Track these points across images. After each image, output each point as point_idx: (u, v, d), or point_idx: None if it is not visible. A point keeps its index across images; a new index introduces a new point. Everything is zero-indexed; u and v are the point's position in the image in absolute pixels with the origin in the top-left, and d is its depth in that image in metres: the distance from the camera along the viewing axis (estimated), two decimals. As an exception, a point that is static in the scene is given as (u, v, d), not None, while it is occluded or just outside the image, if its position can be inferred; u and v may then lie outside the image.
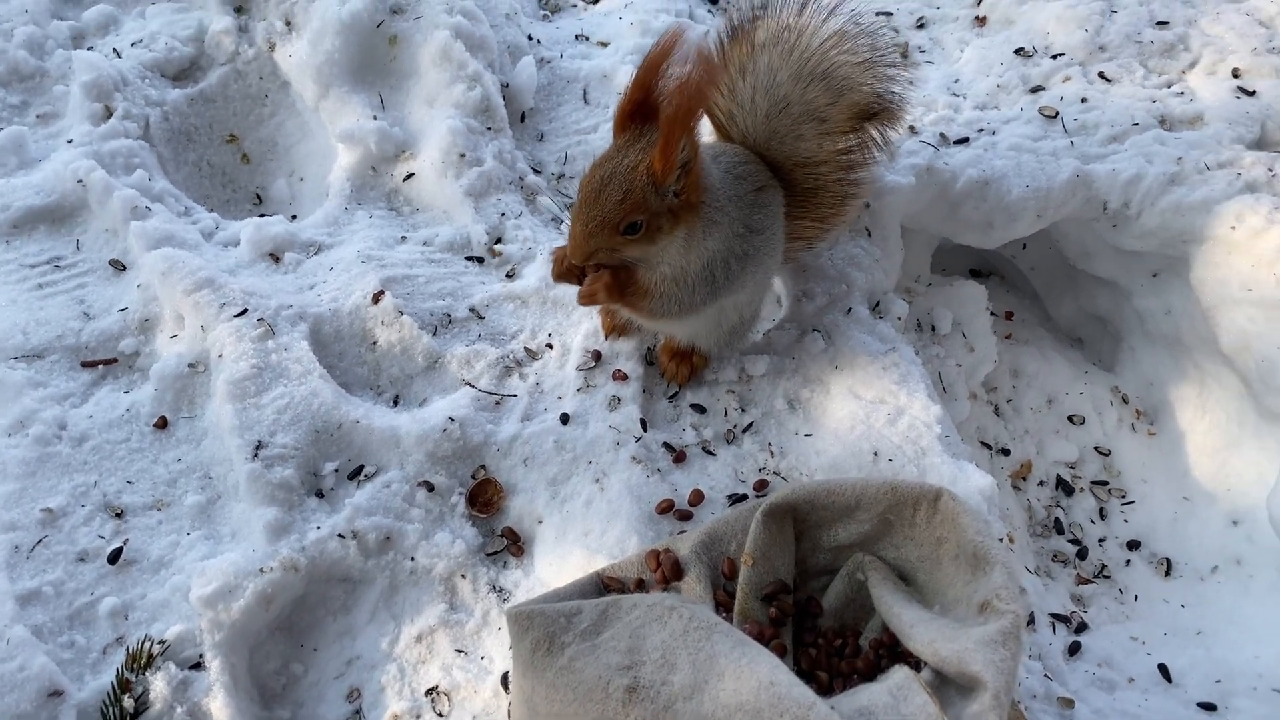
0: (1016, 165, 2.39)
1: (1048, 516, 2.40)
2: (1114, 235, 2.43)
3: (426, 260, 2.39)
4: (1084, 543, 2.35)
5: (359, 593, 1.93)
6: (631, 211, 1.76)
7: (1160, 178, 2.35)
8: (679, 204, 1.80)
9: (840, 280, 2.28)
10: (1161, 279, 2.47)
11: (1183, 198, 2.33)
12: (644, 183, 1.75)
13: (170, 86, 2.79)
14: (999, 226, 2.41)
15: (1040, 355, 2.62)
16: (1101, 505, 2.43)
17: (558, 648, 1.51)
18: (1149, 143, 2.42)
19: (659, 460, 2.04)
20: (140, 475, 2.05)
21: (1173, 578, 2.28)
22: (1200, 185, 2.34)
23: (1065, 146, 2.44)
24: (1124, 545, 2.36)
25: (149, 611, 1.85)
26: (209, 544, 1.95)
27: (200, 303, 2.19)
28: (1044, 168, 2.39)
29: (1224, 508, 2.30)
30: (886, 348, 2.19)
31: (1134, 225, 2.37)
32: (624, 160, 1.77)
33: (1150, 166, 2.37)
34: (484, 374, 2.16)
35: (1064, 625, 2.08)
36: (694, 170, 1.78)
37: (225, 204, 2.76)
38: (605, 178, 1.77)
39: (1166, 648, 2.07)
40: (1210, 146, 2.40)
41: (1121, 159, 2.40)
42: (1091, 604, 2.23)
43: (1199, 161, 2.37)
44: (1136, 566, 2.31)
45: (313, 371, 2.09)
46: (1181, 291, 2.41)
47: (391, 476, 2.00)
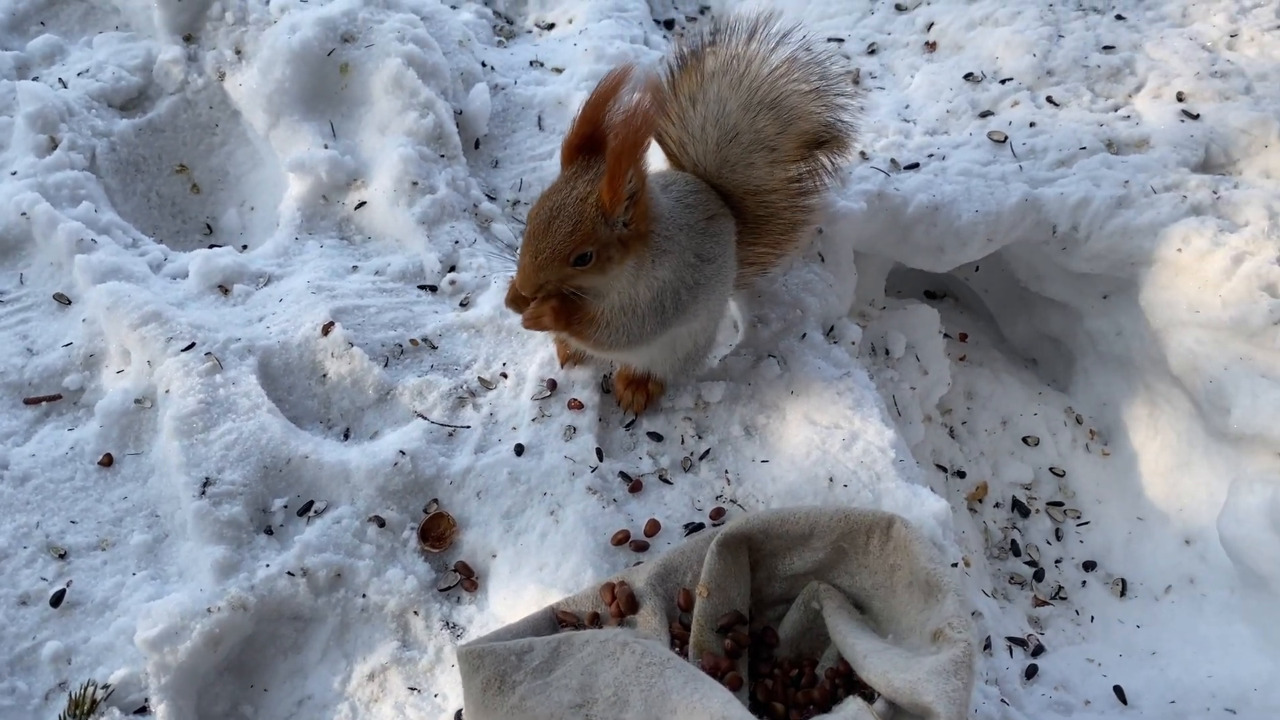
0: (966, 190, 2.41)
1: (1004, 538, 2.41)
2: (1064, 258, 2.45)
3: (378, 290, 2.37)
4: (1040, 564, 2.36)
5: (310, 631, 1.90)
6: (581, 243, 1.75)
7: (1108, 201, 2.38)
8: (629, 234, 1.79)
9: (795, 306, 2.29)
10: (1112, 300, 2.49)
11: (1130, 220, 2.36)
12: (593, 214, 1.74)
13: (118, 116, 2.75)
14: (950, 250, 2.43)
15: (994, 377, 2.63)
16: (1057, 526, 2.44)
17: (509, 686, 1.49)
18: (1096, 166, 2.45)
19: (615, 490, 2.03)
20: (84, 515, 2.00)
21: (1128, 598, 2.29)
22: (1147, 208, 2.37)
23: (1014, 171, 2.47)
24: (1080, 566, 2.37)
25: (93, 655, 1.81)
26: (155, 584, 1.91)
27: (147, 337, 2.15)
28: (993, 192, 2.41)
29: (1177, 528, 2.32)
30: (841, 372, 2.19)
31: (1083, 248, 2.40)
32: (573, 191, 1.76)
33: (1098, 190, 2.40)
34: (437, 405, 2.14)
35: (1021, 648, 2.08)
36: (642, 200, 1.78)
37: (175, 235, 2.72)
38: (554, 209, 1.76)
39: (1122, 669, 2.08)
40: (1156, 169, 2.43)
41: (1069, 182, 2.43)
42: (1049, 626, 2.23)
43: (1145, 184, 2.40)
44: (1092, 587, 2.32)
45: (261, 406, 2.06)
46: (1131, 313, 2.43)
47: (342, 512, 1.97)
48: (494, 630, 1.69)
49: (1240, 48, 2.76)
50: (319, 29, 2.64)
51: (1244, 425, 2.16)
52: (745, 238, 2.12)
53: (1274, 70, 2.67)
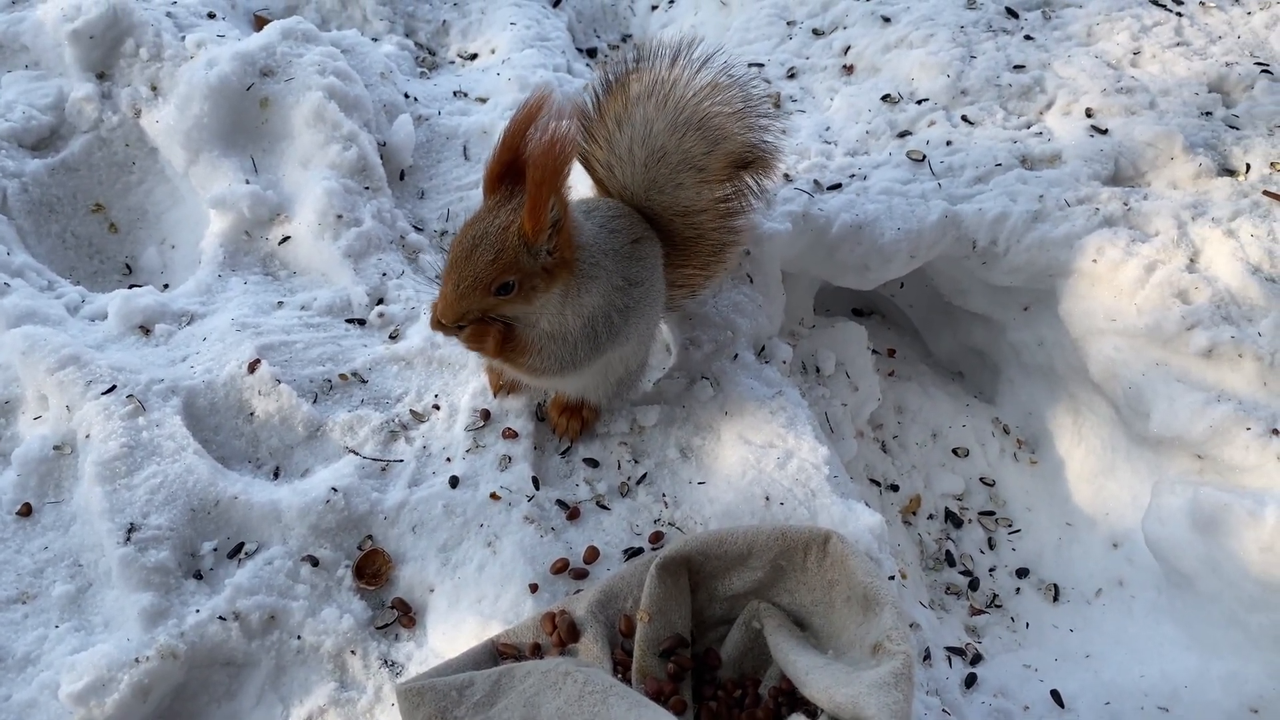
0: (888, 208, 2.46)
1: (939, 549, 2.44)
2: (984, 272, 2.51)
3: (305, 325, 2.34)
4: (975, 573, 2.40)
5: (243, 676, 1.85)
6: (503, 272, 1.75)
7: (1024, 215, 2.45)
8: (553, 262, 1.79)
9: (725, 327, 2.31)
10: (1032, 312, 2.56)
11: (1046, 233, 2.42)
12: (515, 243, 1.74)
13: (29, 156, 2.68)
14: (875, 268, 2.47)
15: (922, 391, 2.68)
16: (990, 535, 2.48)
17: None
18: (1012, 182, 2.52)
19: (552, 518, 2.02)
20: (3, 567, 1.93)
21: (1060, 603, 2.34)
22: (1062, 221, 2.43)
23: (934, 188, 2.52)
24: (1013, 573, 2.41)
25: (15, 713, 1.74)
26: (80, 636, 1.84)
27: (65, 381, 2.09)
28: (914, 210, 2.47)
29: (1104, 532, 2.37)
30: (773, 392, 2.21)
31: (1002, 262, 2.46)
32: (495, 221, 1.75)
33: (1014, 205, 2.46)
34: (368, 440, 2.11)
35: (960, 658, 2.11)
36: (565, 228, 1.77)
37: (92, 275, 2.66)
38: (476, 238, 1.75)
39: (1058, 673, 2.12)
40: (1069, 184, 2.50)
41: (987, 198, 2.49)
42: (985, 634, 2.27)
43: (1059, 198, 2.47)
44: (1026, 594, 2.36)
45: (187, 448, 2.01)
46: (1051, 324, 2.50)
47: (274, 553, 1.93)
48: (433, 666, 1.67)
49: (1143, 64, 2.87)
50: (237, 63, 2.60)
51: (1163, 429, 2.22)
52: (674, 260, 2.13)
53: (1175, 85, 2.78)
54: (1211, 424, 2.16)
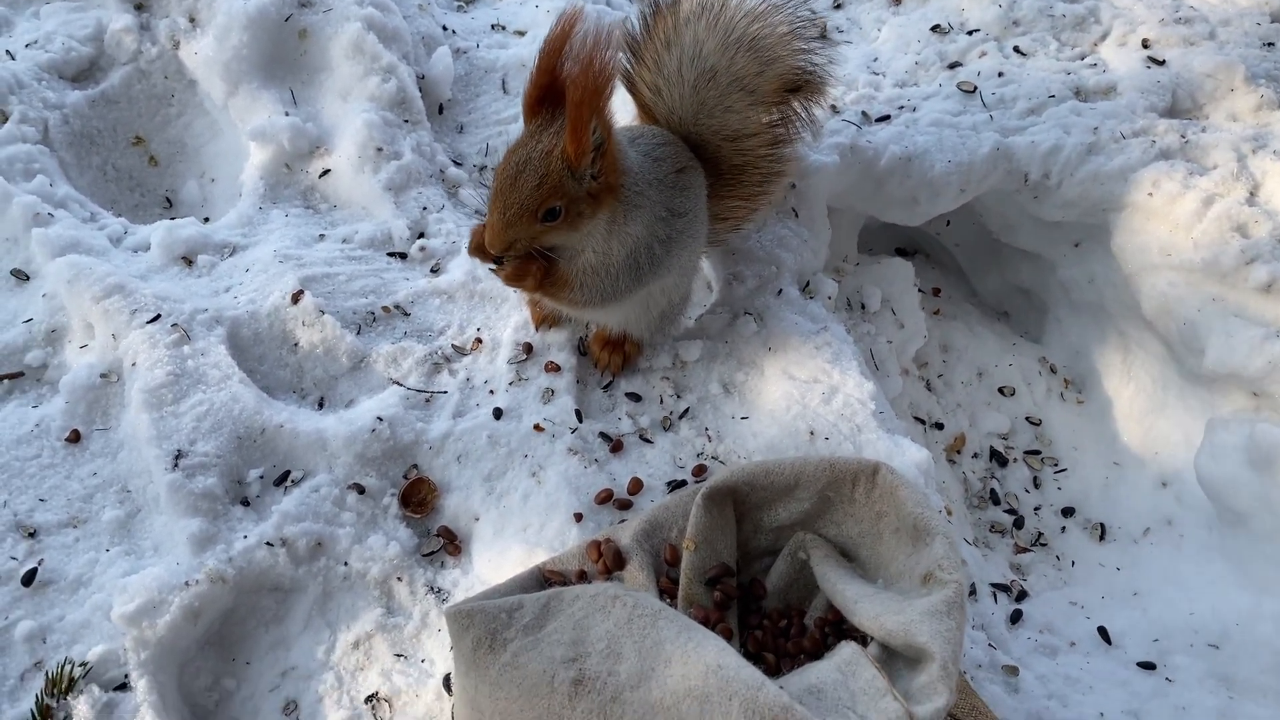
0: (938, 141, 2.40)
1: (983, 488, 2.42)
2: (1035, 207, 2.45)
3: (346, 258, 2.33)
4: (1020, 512, 2.38)
5: (291, 602, 1.87)
6: (549, 197, 1.71)
7: (1078, 148, 2.38)
8: (598, 187, 1.75)
9: (769, 262, 2.27)
10: (1084, 248, 2.50)
11: (1100, 167, 2.36)
12: (559, 167, 1.70)
13: (70, 88, 2.67)
14: (923, 202, 2.42)
15: (968, 329, 2.64)
16: (1035, 474, 2.46)
17: (500, 644, 1.47)
18: (1066, 114, 2.45)
19: (596, 450, 2.01)
20: (53, 492, 1.95)
21: (1107, 542, 2.31)
22: (1117, 154, 2.37)
23: (985, 120, 2.46)
24: (1059, 512, 2.39)
25: (69, 633, 1.76)
26: (130, 560, 1.86)
27: (110, 310, 2.10)
28: (965, 142, 2.41)
29: (1153, 471, 2.34)
30: (818, 327, 2.18)
31: (1054, 196, 2.40)
32: (537, 146, 1.71)
33: (1068, 137, 2.40)
34: (412, 371, 2.11)
35: (1005, 594, 2.10)
36: (609, 152, 1.73)
37: (134, 209, 2.65)
38: (520, 164, 1.71)
39: (1105, 610, 2.10)
40: (1125, 115, 2.43)
41: (1040, 131, 2.43)
42: (1030, 572, 2.25)
43: (1115, 130, 2.40)
44: (1072, 533, 2.34)
45: (232, 376, 2.02)
46: (1103, 260, 2.44)
47: (320, 481, 1.94)
48: (480, 591, 1.67)
49: (1202, -6, 2.78)
50: (275, -6, 2.58)
51: (1218, 365, 2.18)
52: (719, 191, 2.10)
53: (1236, 15, 2.69)
54: (1270, 360, 2.11)
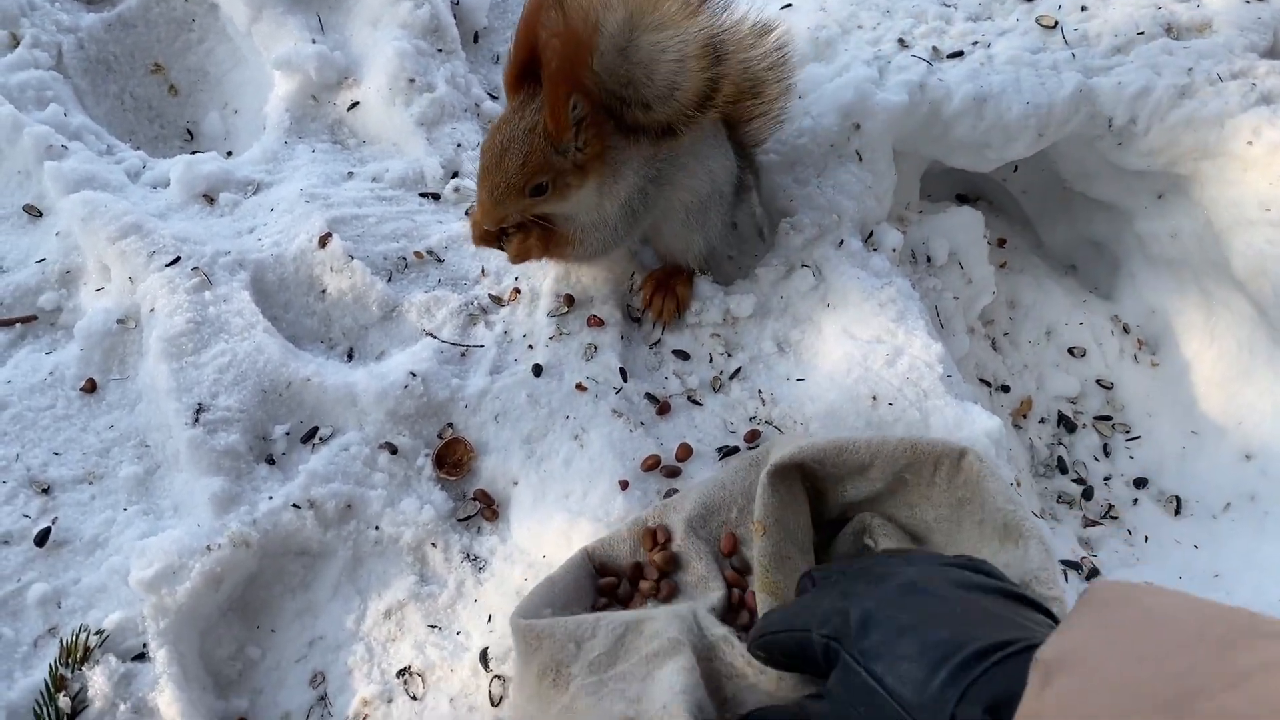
0: (1015, 80, 2.21)
1: (1050, 455, 2.27)
2: (1118, 154, 2.26)
3: (377, 198, 2.18)
4: (1089, 482, 2.23)
5: (319, 567, 1.76)
6: (534, 174, 1.68)
7: (1169, 90, 2.19)
8: (585, 157, 1.70)
9: (830, 210, 2.11)
10: (1167, 200, 2.32)
11: (1194, 111, 2.17)
12: (542, 144, 1.66)
13: (84, 10, 2.52)
14: (996, 147, 2.24)
15: (1036, 284, 2.47)
16: (1105, 442, 2.30)
17: (563, 680, 1.34)
18: (1156, 53, 2.25)
19: (642, 412, 1.88)
20: (68, 445, 1.85)
21: (1183, 516, 2.17)
22: (1213, 98, 2.17)
23: (1066, 59, 2.26)
24: (1130, 483, 2.24)
25: (84, 598, 1.67)
26: (148, 520, 1.76)
27: (127, 251, 1.97)
28: (1044, 83, 2.22)
29: (1235, 441, 2.18)
30: (881, 282, 2.02)
31: (1140, 142, 2.21)
32: (520, 122, 1.67)
33: (1158, 79, 2.20)
34: (446, 323, 1.98)
35: (1075, 572, 1.96)
36: (594, 123, 1.68)
37: (152, 141, 2.51)
38: (505, 142, 1.67)
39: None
40: (1222, 56, 2.23)
41: (1127, 71, 2.23)
42: (1100, 547, 2.11)
43: (1211, 72, 2.20)
44: (1144, 505, 2.20)
45: (256, 325, 1.89)
46: (1190, 213, 2.26)
47: (349, 439, 1.82)
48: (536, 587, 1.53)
49: (1305, -77, 2.54)
50: (301, -90, 2.40)
51: (1318, 332, 2.01)
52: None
53: (1345, -54, 2.46)
54: (1379, 328, 1.94)
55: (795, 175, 2.18)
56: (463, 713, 1.61)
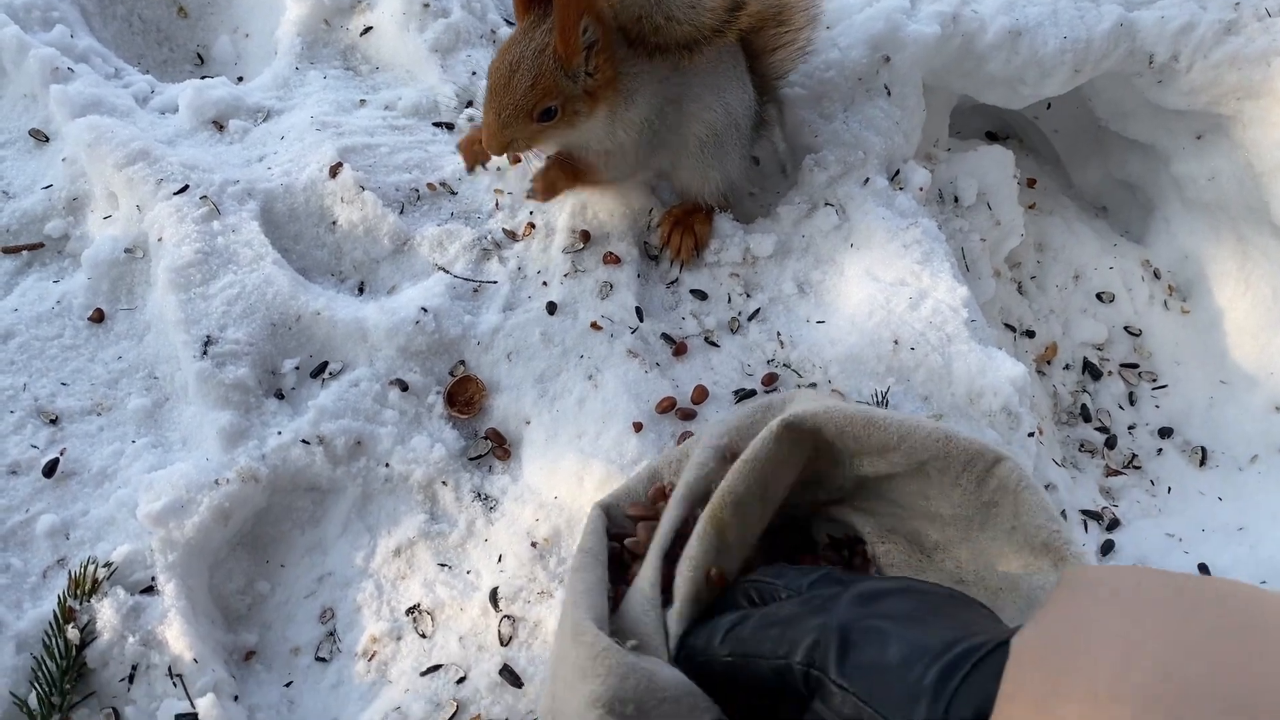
0: (1052, 13, 2.12)
1: (1074, 403, 2.22)
2: (1157, 92, 2.18)
3: (389, 127, 2.13)
4: (1112, 431, 2.18)
5: (328, 503, 1.74)
6: (543, 98, 1.63)
7: (1214, 26, 2.09)
8: (595, 84, 1.65)
9: (855, 146, 2.04)
10: (1206, 141, 2.24)
11: (1239, 49, 2.08)
12: (552, 67, 1.61)
13: (90, -72, 2.44)
14: (1030, 83, 2.16)
15: (1066, 227, 2.40)
16: (1131, 390, 2.25)
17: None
18: (1201, -14, 2.15)
19: (658, 353, 1.84)
20: (76, 376, 1.82)
21: (1208, 468, 2.12)
22: (1260, 35, 2.08)
23: (1107, -9, 2.17)
24: (1155, 433, 2.19)
25: (92, 530, 1.65)
26: (157, 453, 1.74)
27: (134, 178, 1.92)
28: (1083, 16, 2.13)
29: (1266, 392, 2.13)
30: (907, 222, 1.96)
31: (1181, 81, 2.13)
32: (530, 44, 1.62)
33: (1203, 13, 2.11)
34: (459, 257, 1.93)
35: (1096, 522, 1.93)
36: (605, 47, 1.62)
37: (161, 65, 2.45)
38: (513, 63, 1.62)
39: (1206, 545, 1.92)
40: (1271, -10, 2.13)
41: (1170, 5, 2.13)
42: (1121, 498, 2.07)
43: (1259, 7, 2.10)
44: (1169, 455, 2.15)
45: (265, 256, 1.85)
46: (1229, 155, 2.18)
47: (360, 374, 1.79)
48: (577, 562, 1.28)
49: None
50: None
51: (1359, 282, 1.95)
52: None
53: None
54: None
55: (820, 110, 2.11)
56: (471, 651, 1.60)
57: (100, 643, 1.51)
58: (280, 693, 1.60)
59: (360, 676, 1.61)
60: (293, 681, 1.62)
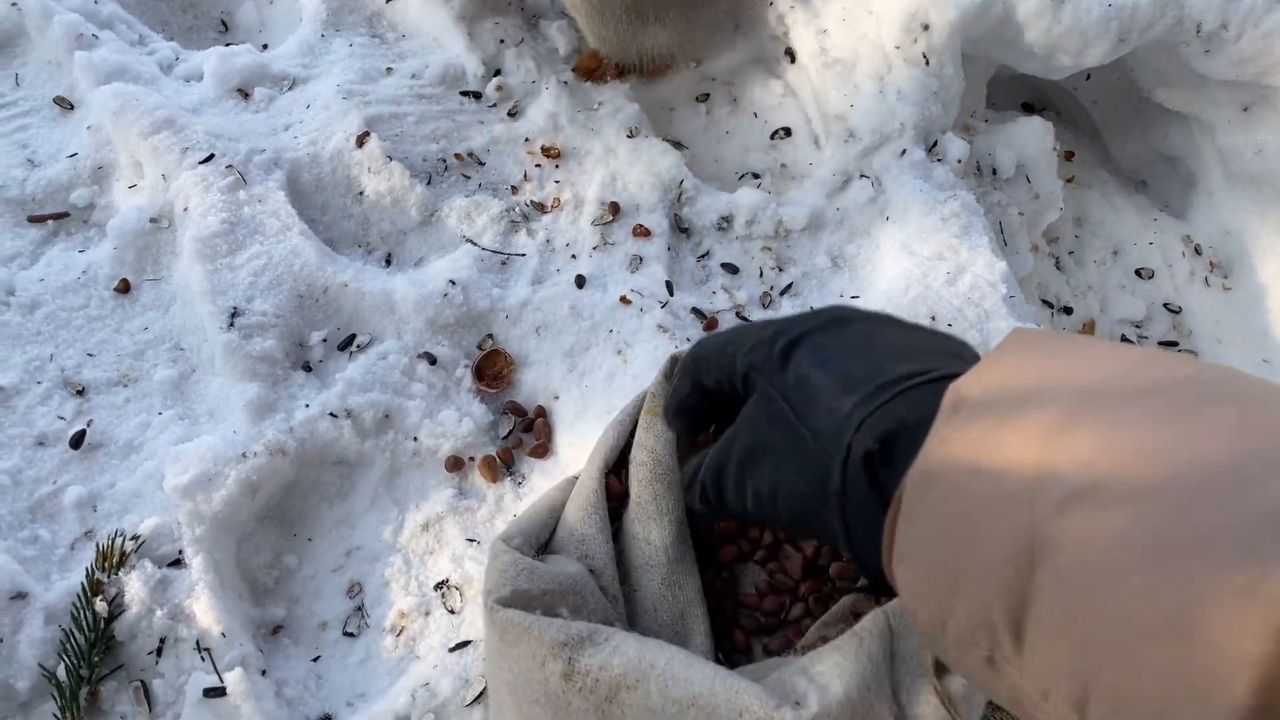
0: (1097, -20, 2.06)
1: (1111, 382, 2.18)
2: (1204, 62, 2.12)
3: (416, 96, 2.09)
4: (1150, 410, 2.13)
5: (356, 477, 1.73)
6: None
7: (1265, -7, 2.03)
8: None
9: (891, 117, 2.00)
10: (1254, 113, 2.17)
11: (1292, 17, 2.01)
12: None
13: (113, -109, 2.40)
14: (1072, 53, 2.09)
15: (1105, 200, 2.34)
16: (1170, 368, 2.20)
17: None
18: (1252, -48, 2.08)
19: (688, 328, 1.80)
20: (102, 347, 1.81)
21: (1249, 449, 2.07)
22: (1313, 2, 2.02)
23: (1153, -43, 2.10)
24: (1194, 412, 2.14)
25: (120, 502, 1.64)
26: (184, 425, 1.72)
27: (159, 147, 1.90)
28: (1128, -17, 2.06)
29: (1310, 372, 2.08)
30: (945, 195, 1.92)
31: (1230, 50, 2.06)
32: None
33: (1254, -20, 2.04)
34: (487, 229, 1.90)
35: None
36: None
37: (186, 32, 2.42)
38: None
39: (1247, 528, 1.88)
40: (1325, -44, 2.06)
41: (1220, -29, 2.07)
42: (1160, 478, 2.03)
43: (1312, -26, 2.04)
44: (1208, 436, 2.10)
45: (292, 227, 1.83)
46: (1278, 127, 2.12)
47: (388, 347, 1.76)
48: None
49: None
50: None
51: None
52: None
53: None
54: None
55: (856, 80, 2.06)
56: (500, 628, 1.58)
57: (128, 615, 1.50)
58: (308, 667, 1.59)
59: (388, 652, 1.59)
60: (320, 656, 1.60)
